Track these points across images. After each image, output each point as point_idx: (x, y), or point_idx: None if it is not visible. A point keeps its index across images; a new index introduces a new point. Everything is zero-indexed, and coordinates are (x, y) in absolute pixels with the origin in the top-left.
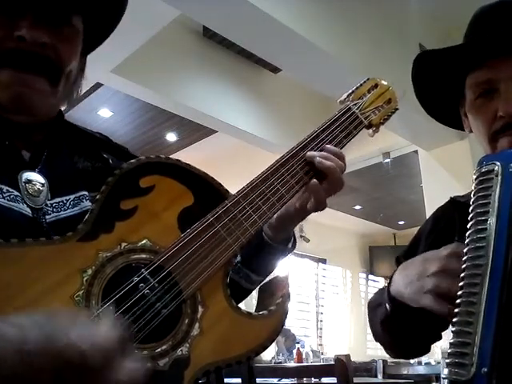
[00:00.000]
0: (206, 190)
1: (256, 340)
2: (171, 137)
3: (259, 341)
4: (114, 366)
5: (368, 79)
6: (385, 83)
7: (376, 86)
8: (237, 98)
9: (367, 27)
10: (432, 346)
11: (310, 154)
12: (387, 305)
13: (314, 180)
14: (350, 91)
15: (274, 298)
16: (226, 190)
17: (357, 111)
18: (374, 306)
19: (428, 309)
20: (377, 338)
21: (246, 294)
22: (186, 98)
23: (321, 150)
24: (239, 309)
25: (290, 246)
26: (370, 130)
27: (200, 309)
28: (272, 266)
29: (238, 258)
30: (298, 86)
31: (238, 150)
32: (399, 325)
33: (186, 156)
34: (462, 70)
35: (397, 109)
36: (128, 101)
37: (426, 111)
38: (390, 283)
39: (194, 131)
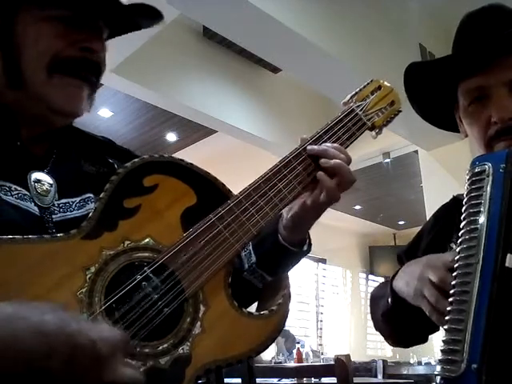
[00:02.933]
0: (208, 189)
1: (257, 339)
2: (171, 137)
3: (260, 340)
4: (119, 358)
5: (372, 81)
6: (388, 85)
7: (379, 87)
8: (237, 97)
9: (367, 27)
10: (432, 346)
11: (309, 148)
12: (389, 299)
13: (321, 172)
14: (354, 93)
15: (276, 298)
16: (229, 190)
17: (360, 113)
18: (376, 297)
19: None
20: (377, 327)
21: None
22: (186, 98)
23: None
24: (240, 308)
25: (305, 248)
26: (373, 132)
27: (202, 308)
28: (287, 268)
29: (254, 260)
30: (298, 86)
31: (237, 149)
32: (399, 317)
33: (185, 156)
34: (453, 79)
35: (400, 111)
36: (128, 101)
37: (422, 118)
38: (393, 277)
39: (194, 131)
